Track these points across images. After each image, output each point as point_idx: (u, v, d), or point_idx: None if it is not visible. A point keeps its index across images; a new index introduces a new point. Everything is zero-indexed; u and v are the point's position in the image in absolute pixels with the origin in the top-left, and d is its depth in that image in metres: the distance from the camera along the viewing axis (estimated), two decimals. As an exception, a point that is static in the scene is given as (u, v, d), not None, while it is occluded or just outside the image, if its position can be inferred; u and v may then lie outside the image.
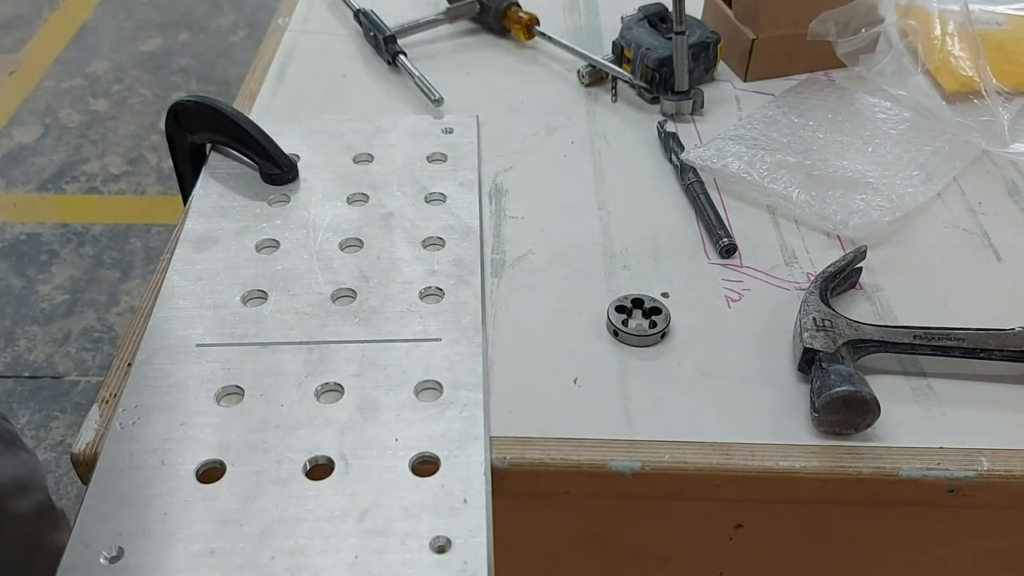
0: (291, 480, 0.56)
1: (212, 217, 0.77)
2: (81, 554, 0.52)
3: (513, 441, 0.61)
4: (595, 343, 0.68)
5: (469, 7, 1.05)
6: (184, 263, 0.72)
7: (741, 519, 0.66)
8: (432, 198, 0.79)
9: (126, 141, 2.40)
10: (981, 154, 0.88)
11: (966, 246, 0.78)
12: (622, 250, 0.77)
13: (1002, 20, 1.02)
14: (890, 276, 0.75)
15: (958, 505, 0.61)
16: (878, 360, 0.66)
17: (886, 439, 0.62)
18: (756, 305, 0.72)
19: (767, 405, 0.64)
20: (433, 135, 0.88)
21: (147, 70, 2.68)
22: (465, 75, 0.99)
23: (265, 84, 0.97)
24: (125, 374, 0.64)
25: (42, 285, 1.99)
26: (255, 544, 0.53)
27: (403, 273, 0.72)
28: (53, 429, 1.71)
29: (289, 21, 1.08)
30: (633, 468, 0.60)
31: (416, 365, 0.64)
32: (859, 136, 0.88)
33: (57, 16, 2.93)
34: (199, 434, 0.59)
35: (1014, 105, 0.91)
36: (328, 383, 0.62)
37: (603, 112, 0.94)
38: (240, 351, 0.65)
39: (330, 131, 0.88)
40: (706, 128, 0.91)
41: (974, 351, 0.65)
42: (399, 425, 0.60)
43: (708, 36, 0.95)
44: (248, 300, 0.69)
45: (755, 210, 0.81)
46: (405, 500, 0.55)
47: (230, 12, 2.96)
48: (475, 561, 0.52)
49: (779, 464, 0.60)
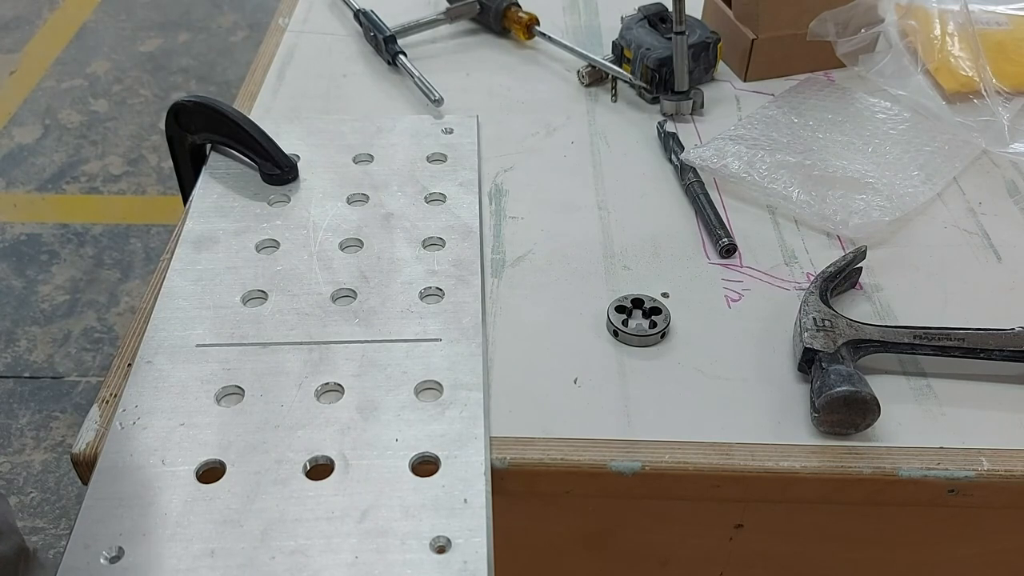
0: (291, 480, 0.56)
1: (212, 217, 0.77)
2: (81, 554, 0.52)
3: (513, 441, 0.61)
4: (595, 343, 0.68)
5: (469, 7, 1.05)
6: (184, 263, 0.72)
7: (741, 519, 0.66)
8: (432, 198, 0.79)
9: (126, 141, 2.40)
10: (981, 154, 0.88)
11: (966, 246, 0.78)
12: (622, 250, 0.77)
13: (1002, 20, 1.02)
14: (890, 276, 0.75)
15: (958, 505, 0.61)
16: (878, 360, 0.66)
17: (886, 439, 0.62)
18: (756, 305, 0.72)
19: (767, 405, 0.64)
20: (433, 135, 0.88)
21: (147, 70, 2.68)
22: (465, 75, 0.99)
23: (265, 84, 0.97)
24: (125, 374, 0.64)
25: (42, 285, 1.99)
26: (255, 544, 0.53)
27: (403, 273, 0.72)
28: (53, 429, 1.71)
29: (289, 21, 1.08)
30: (633, 468, 0.60)
31: (416, 365, 0.64)
32: (859, 136, 0.88)
33: (57, 16, 2.92)
34: (199, 434, 0.59)
35: (1014, 105, 0.91)
36: (328, 383, 0.62)
37: (603, 112, 0.94)
38: (240, 351, 0.65)
39: (330, 131, 0.88)
40: (706, 128, 0.91)
41: (974, 351, 0.65)
42: (399, 425, 0.60)
43: (708, 36, 0.95)
44: (248, 300, 0.69)
45: (755, 210, 0.81)
46: (405, 500, 0.55)
47: (230, 12, 2.96)
48: (475, 561, 0.52)
49: (779, 464, 0.60)
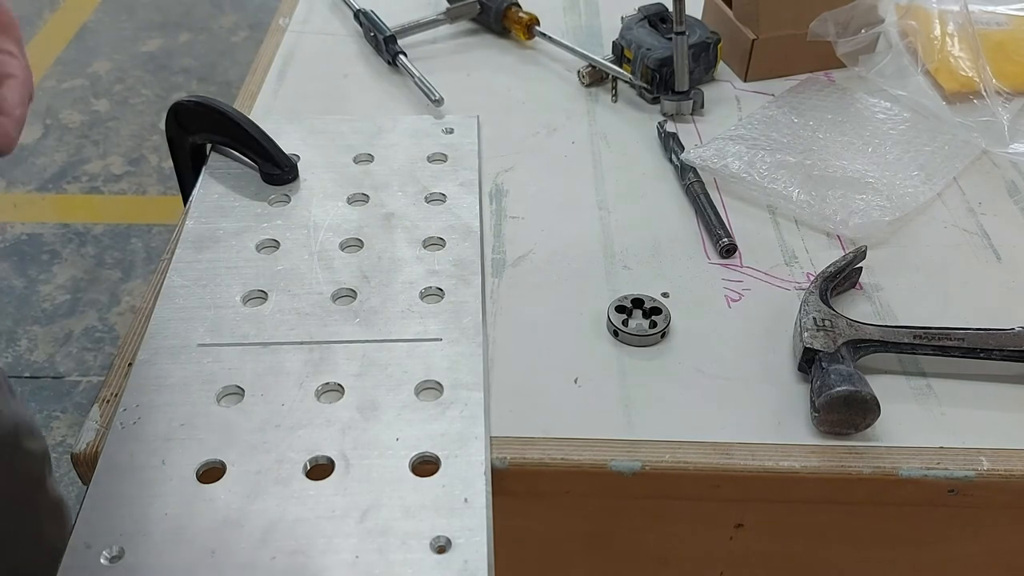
0: (292, 480, 0.56)
1: (212, 217, 0.77)
2: (81, 554, 0.52)
3: (513, 441, 0.61)
4: (595, 343, 0.68)
5: (469, 7, 1.05)
6: (185, 263, 0.72)
7: (741, 519, 0.66)
8: (432, 198, 0.79)
9: (127, 141, 2.40)
10: (981, 154, 0.88)
11: (966, 246, 0.78)
12: (622, 250, 0.77)
13: (1002, 20, 1.02)
14: (890, 276, 0.75)
15: (958, 505, 0.61)
16: (878, 360, 0.66)
17: (886, 439, 0.62)
18: (756, 305, 0.72)
19: (767, 405, 0.64)
20: (433, 135, 0.88)
21: (148, 70, 2.68)
22: (465, 75, 0.99)
23: (265, 84, 0.97)
24: (126, 374, 0.64)
25: (43, 285, 1.99)
26: (255, 544, 0.53)
27: (404, 273, 0.72)
28: (54, 429, 1.71)
29: (290, 21, 1.08)
30: (633, 468, 0.60)
31: (417, 365, 0.64)
32: (859, 136, 0.88)
33: (58, 16, 2.93)
34: (199, 434, 0.59)
35: (1014, 105, 0.91)
36: (329, 383, 0.62)
37: (603, 112, 0.94)
38: (241, 351, 0.65)
39: (330, 131, 0.88)
40: (706, 128, 0.91)
41: (974, 351, 0.65)
42: (400, 425, 0.60)
43: (708, 36, 0.95)
44: (248, 300, 0.69)
45: (755, 210, 0.81)
46: (406, 500, 0.55)
47: (231, 12, 2.96)
48: (475, 561, 0.52)
49: (779, 464, 0.60)
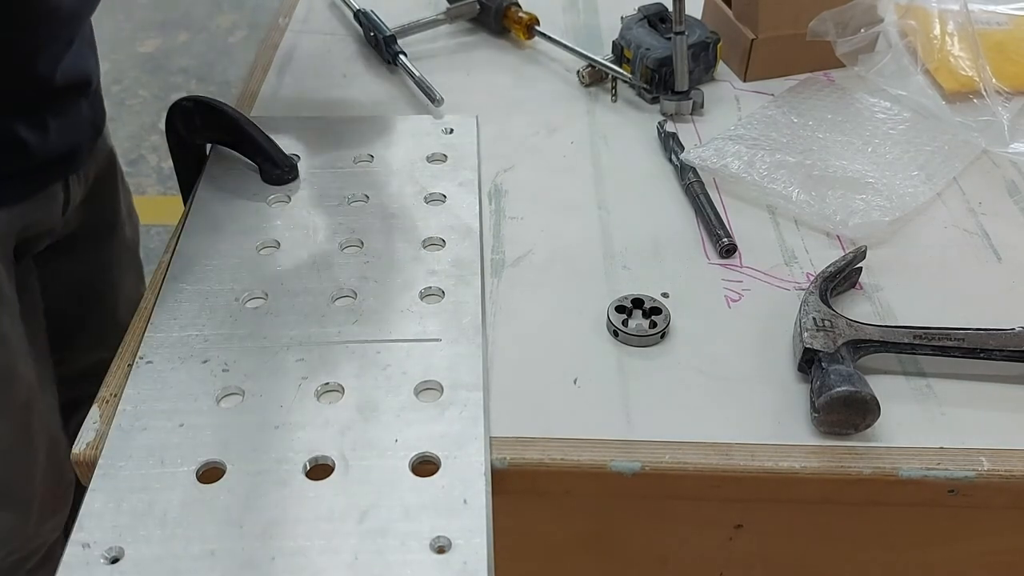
0: (291, 480, 0.56)
1: (212, 217, 0.77)
2: (81, 554, 0.52)
3: (513, 441, 0.61)
4: (595, 343, 0.68)
5: (469, 7, 1.05)
6: (184, 263, 0.72)
7: (741, 519, 0.66)
8: (432, 198, 0.79)
9: (126, 142, 2.40)
10: (981, 154, 0.88)
11: (966, 246, 0.78)
12: (622, 250, 0.77)
13: (1002, 20, 1.02)
14: (890, 276, 0.75)
15: (958, 505, 0.61)
16: (878, 360, 0.66)
17: (886, 439, 0.61)
18: (756, 305, 0.72)
19: (767, 405, 0.64)
20: (433, 135, 0.87)
21: (147, 71, 2.68)
22: (465, 75, 0.99)
23: (265, 84, 0.97)
24: (125, 374, 0.64)
25: (42, 285, 1.98)
26: (255, 544, 0.53)
27: (403, 273, 0.72)
28: (53, 429, 1.70)
29: (289, 21, 1.08)
30: (633, 468, 0.60)
31: (416, 365, 0.64)
32: (859, 136, 0.88)
33: (57, 16, 2.92)
34: (199, 434, 0.59)
35: (1014, 105, 0.91)
36: (328, 383, 0.62)
37: (603, 112, 0.94)
38: (240, 351, 0.65)
39: (330, 131, 0.87)
40: (706, 128, 0.91)
41: (974, 351, 0.65)
42: (399, 425, 0.60)
43: (708, 36, 0.95)
44: (248, 300, 0.69)
45: (755, 210, 0.81)
46: (405, 500, 0.55)
47: (230, 12, 2.96)
48: (475, 561, 0.52)
49: (779, 464, 0.60)
